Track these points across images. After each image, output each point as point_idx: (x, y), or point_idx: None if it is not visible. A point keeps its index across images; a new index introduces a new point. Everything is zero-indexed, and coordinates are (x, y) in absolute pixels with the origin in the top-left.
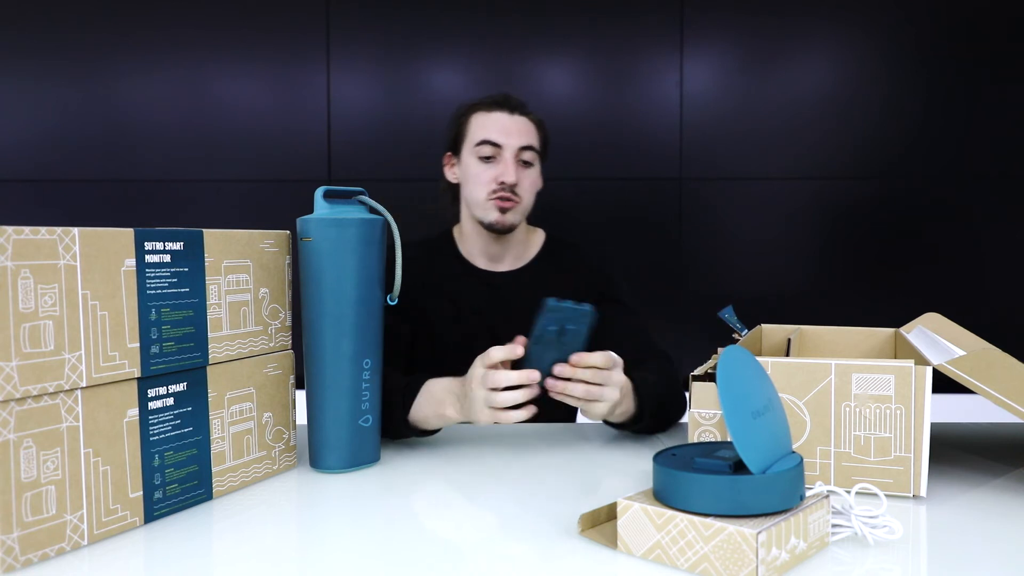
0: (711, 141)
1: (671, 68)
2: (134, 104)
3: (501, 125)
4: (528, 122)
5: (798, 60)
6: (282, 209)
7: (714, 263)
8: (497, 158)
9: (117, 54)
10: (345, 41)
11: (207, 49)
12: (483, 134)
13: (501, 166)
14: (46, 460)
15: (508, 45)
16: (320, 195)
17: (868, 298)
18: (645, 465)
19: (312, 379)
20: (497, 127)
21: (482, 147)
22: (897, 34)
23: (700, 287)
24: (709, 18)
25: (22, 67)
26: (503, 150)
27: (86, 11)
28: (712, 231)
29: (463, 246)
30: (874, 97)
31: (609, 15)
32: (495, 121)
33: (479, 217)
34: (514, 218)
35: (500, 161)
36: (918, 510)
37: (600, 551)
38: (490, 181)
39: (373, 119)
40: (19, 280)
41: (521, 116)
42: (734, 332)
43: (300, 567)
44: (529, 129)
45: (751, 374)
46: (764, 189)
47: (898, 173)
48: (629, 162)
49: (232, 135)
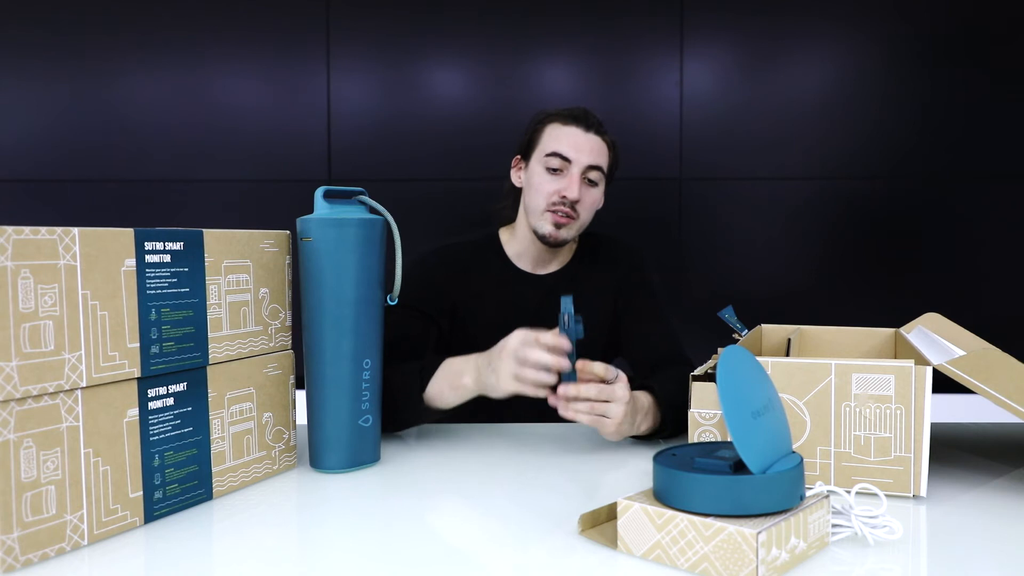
0: (711, 141)
1: (671, 68)
2: (134, 104)
3: (573, 140)
4: (601, 142)
5: (798, 60)
6: (282, 209)
7: (714, 263)
8: (564, 172)
9: (117, 54)
10: (345, 41)
11: (207, 49)
12: (554, 146)
13: (566, 180)
14: (46, 460)
15: (508, 45)
16: (320, 195)
17: (868, 298)
18: (645, 465)
19: (312, 379)
20: (569, 141)
21: (551, 159)
22: (897, 34)
23: (700, 287)
24: (709, 18)
25: (22, 67)
26: (571, 165)
27: (86, 11)
28: (712, 231)
29: (510, 248)
30: (874, 97)
31: (609, 15)
32: (568, 135)
33: (534, 226)
34: (568, 234)
35: (566, 175)
36: (918, 510)
37: (600, 551)
38: (552, 193)
39: (373, 119)
40: (19, 280)
41: (596, 135)
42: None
43: (300, 567)
44: (601, 149)
45: (751, 374)
46: (764, 189)
47: (898, 173)
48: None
49: (232, 135)
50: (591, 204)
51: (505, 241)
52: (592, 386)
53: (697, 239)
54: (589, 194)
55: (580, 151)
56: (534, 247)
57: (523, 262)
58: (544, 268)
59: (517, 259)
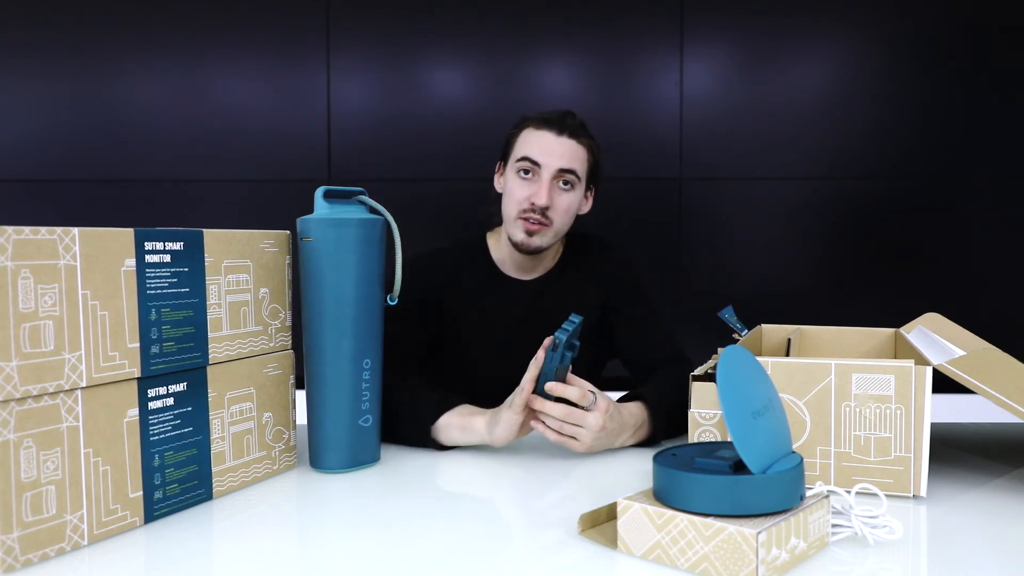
0: (711, 141)
1: (671, 68)
2: (134, 104)
3: (543, 144)
4: (576, 145)
5: (798, 60)
6: (282, 209)
7: (714, 263)
8: (535, 177)
9: (117, 54)
10: (345, 41)
11: (207, 49)
12: (525, 150)
13: (536, 186)
14: (46, 460)
15: (508, 45)
16: (320, 195)
17: (868, 298)
18: (645, 465)
19: (312, 379)
20: (539, 145)
21: (522, 163)
22: (897, 34)
23: (700, 287)
24: (709, 18)
25: (22, 67)
26: (541, 169)
27: (86, 11)
28: (712, 231)
29: (495, 253)
30: (874, 97)
31: (609, 15)
32: (539, 139)
33: (509, 233)
34: (541, 241)
35: (536, 181)
36: (918, 510)
37: (600, 551)
38: (523, 200)
39: (373, 119)
40: (19, 280)
41: (570, 138)
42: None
43: (300, 567)
44: (574, 152)
45: (751, 374)
46: (764, 189)
47: (898, 173)
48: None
49: (232, 135)
50: (565, 209)
51: (491, 245)
52: (557, 407)
53: (697, 239)
54: (562, 199)
55: (550, 155)
56: (515, 253)
57: (508, 267)
58: (528, 274)
59: (502, 264)
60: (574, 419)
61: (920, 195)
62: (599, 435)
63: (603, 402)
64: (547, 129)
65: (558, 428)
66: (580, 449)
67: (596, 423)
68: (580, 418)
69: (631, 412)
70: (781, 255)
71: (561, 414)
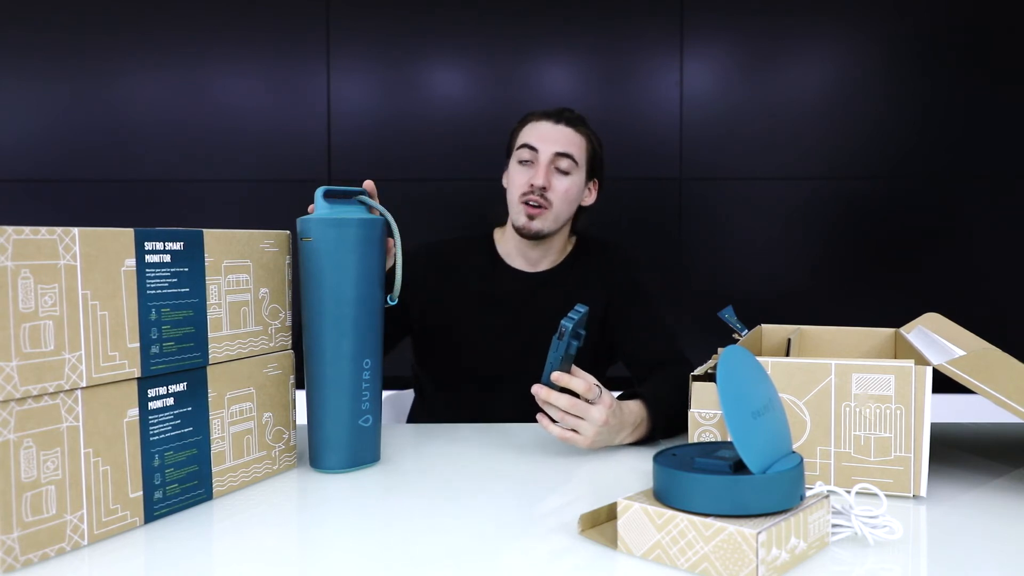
0: (711, 141)
1: (671, 68)
2: (134, 104)
3: (541, 131)
4: (573, 132)
5: (798, 60)
6: (282, 209)
7: (714, 263)
8: (534, 162)
9: (117, 54)
10: (345, 41)
11: (207, 49)
12: (524, 139)
13: (535, 170)
14: (46, 460)
15: (508, 45)
16: (320, 195)
17: (868, 298)
18: (645, 465)
19: (312, 379)
20: (537, 132)
21: (522, 151)
22: (897, 34)
23: (700, 287)
24: (709, 18)
25: (22, 67)
26: (538, 154)
27: (86, 11)
28: (712, 231)
29: (501, 247)
30: (874, 97)
31: (609, 15)
32: (537, 128)
33: (512, 219)
34: (542, 225)
35: (535, 165)
36: (918, 510)
37: (600, 551)
38: (523, 184)
39: (373, 119)
40: (19, 280)
41: (567, 127)
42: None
43: (300, 567)
44: (571, 138)
45: (751, 374)
46: (764, 189)
47: (898, 173)
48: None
49: (232, 135)
50: (564, 192)
51: (498, 240)
52: (563, 398)
53: (697, 239)
54: (561, 182)
55: (546, 140)
56: (520, 243)
57: (514, 260)
58: (535, 266)
59: (508, 257)
60: (578, 411)
61: (920, 195)
62: (601, 430)
63: (607, 397)
64: (545, 120)
65: (561, 418)
66: (582, 444)
67: (600, 416)
68: (584, 410)
69: (631, 410)
70: (781, 255)
71: (566, 405)
